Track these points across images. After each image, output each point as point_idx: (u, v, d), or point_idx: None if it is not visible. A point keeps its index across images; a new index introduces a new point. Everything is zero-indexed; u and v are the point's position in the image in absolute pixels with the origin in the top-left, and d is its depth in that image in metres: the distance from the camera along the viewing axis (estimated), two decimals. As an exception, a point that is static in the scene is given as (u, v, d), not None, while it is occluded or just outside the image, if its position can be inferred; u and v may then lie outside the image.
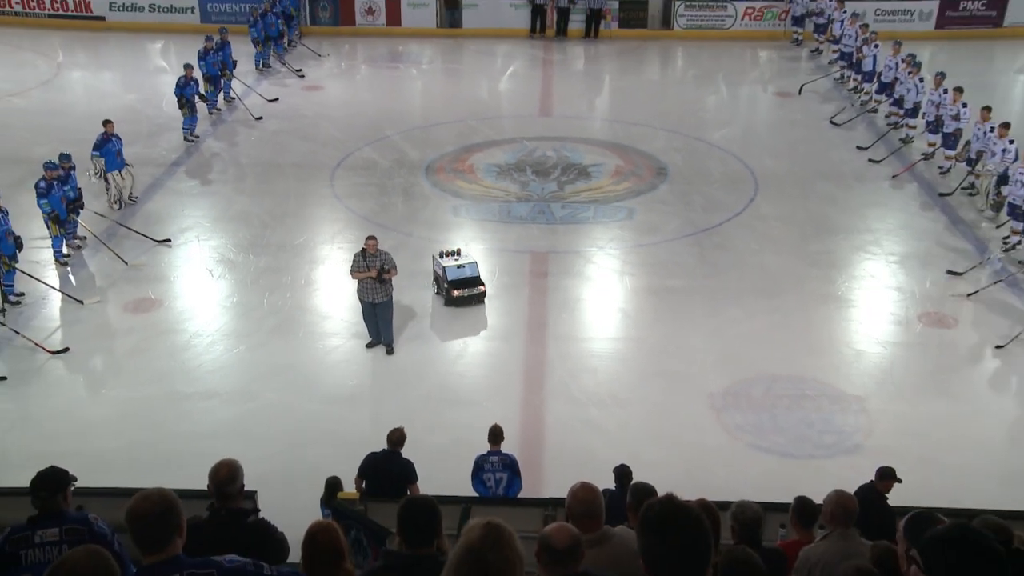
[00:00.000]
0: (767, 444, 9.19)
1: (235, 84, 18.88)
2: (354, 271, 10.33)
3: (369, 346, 10.72)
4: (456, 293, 11.28)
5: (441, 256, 11.54)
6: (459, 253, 11.62)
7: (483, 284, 11.49)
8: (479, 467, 7.74)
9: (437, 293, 11.60)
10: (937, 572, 2.27)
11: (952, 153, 15.15)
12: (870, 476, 8.10)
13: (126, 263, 12.49)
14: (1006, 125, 13.65)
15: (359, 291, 10.47)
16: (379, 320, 10.58)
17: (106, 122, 13.89)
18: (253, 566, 3.39)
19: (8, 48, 22.57)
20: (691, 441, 9.14)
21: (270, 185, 15.35)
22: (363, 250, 10.30)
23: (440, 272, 11.44)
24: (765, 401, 9.80)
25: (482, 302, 11.43)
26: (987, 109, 14.26)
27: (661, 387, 10.05)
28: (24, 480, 4.63)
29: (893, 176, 15.57)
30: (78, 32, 24.07)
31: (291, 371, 10.31)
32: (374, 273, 10.16)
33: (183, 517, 3.31)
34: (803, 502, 5.50)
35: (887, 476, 6.74)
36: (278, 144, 17.17)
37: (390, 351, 10.67)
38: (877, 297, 12.08)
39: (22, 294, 11.55)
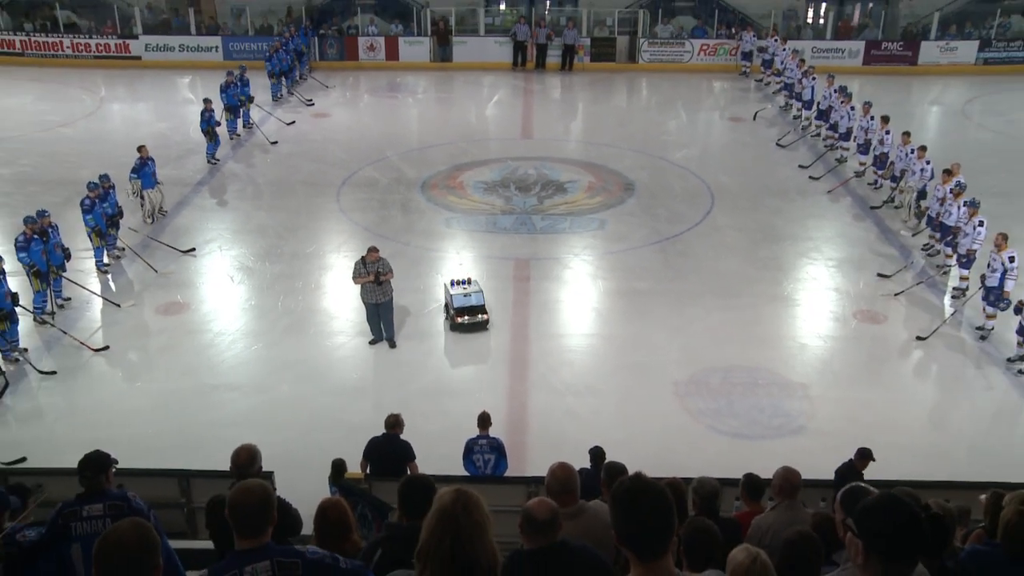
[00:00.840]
0: (724, 427, 9.22)
1: (255, 111, 18.86)
2: (355, 277, 10.34)
3: (372, 343, 10.69)
4: (459, 320, 10.77)
5: (452, 284, 11.05)
6: (469, 282, 11.08)
7: (486, 313, 10.90)
8: (469, 449, 7.74)
9: (446, 318, 11.13)
10: (867, 535, 2.31)
11: (881, 171, 15.32)
12: (813, 455, 8.21)
13: (156, 271, 12.43)
14: (923, 148, 13.89)
15: (362, 294, 10.44)
16: (381, 319, 10.57)
17: (140, 147, 13.91)
18: (331, 559, 3.27)
19: (59, 86, 22.54)
20: (657, 424, 9.15)
21: (283, 201, 15.29)
22: (363, 258, 10.32)
23: (448, 299, 11.02)
24: (722, 389, 9.83)
25: (485, 329, 10.87)
26: (907, 134, 14.48)
27: (630, 377, 10.06)
28: (72, 462, 4.63)
29: (829, 191, 15.70)
30: (118, 70, 24.13)
31: (302, 366, 10.27)
32: (372, 277, 10.18)
33: (275, 508, 3.16)
34: (750, 478, 5.52)
35: (865, 456, 6.78)
36: (290, 165, 17.10)
37: (392, 345, 10.65)
38: (818, 297, 12.15)
39: (68, 299, 11.54)
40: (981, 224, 11.30)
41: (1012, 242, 10.53)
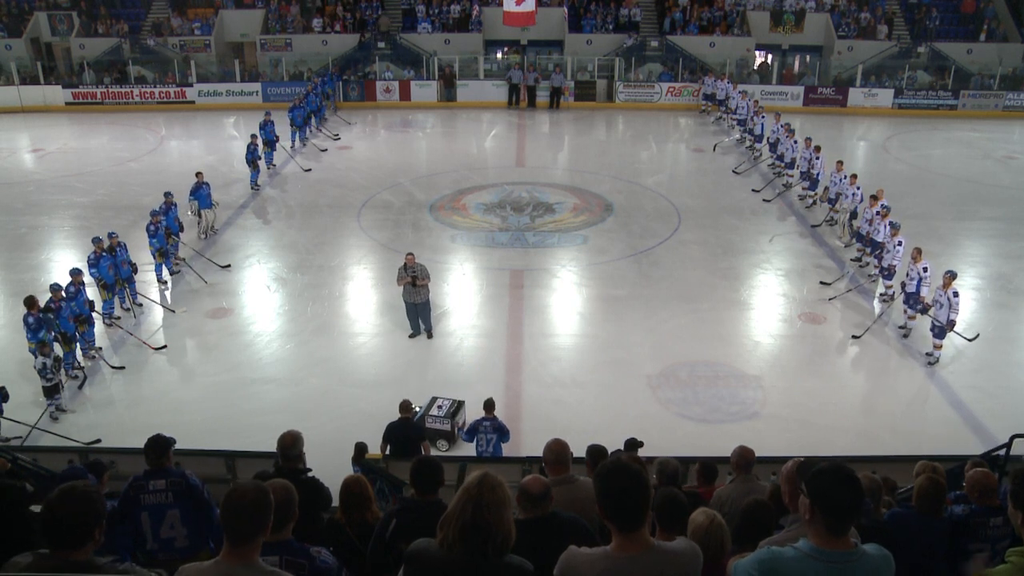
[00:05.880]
0: (690, 413, 9.21)
1: (284, 145, 18.87)
2: (398, 279, 10.42)
3: (411, 336, 10.64)
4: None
5: (436, 399, 8.64)
6: (449, 408, 8.49)
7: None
8: (474, 428, 7.67)
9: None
10: (816, 496, 2.35)
11: (813, 192, 15.52)
12: (767, 437, 8.20)
13: (206, 282, 12.41)
14: (855, 175, 13.99)
15: (403, 295, 10.46)
16: (420, 315, 10.61)
17: (198, 173, 14.06)
18: (336, 571, 3.11)
19: (128, 127, 22.67)
20: (633, 411, 9.13)
21: (312, 221, 15.27)
22: (405, 264, 10.33)
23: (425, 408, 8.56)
24: (688, 381, 9.81)
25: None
26: (840, 162, 14.62)
27: (610, 371, 10.04)
28: (138, 443, 4.65)
29: (766, 201, 15.75)
30: (176, 112, 24.38)
31: (329, 362, 10.26)
32: (410, 279, 10.22)
33: (296, 506, 2.97)
34: (705, 464, 5.35)
35: None
36: (318, 190, 17.09)
37: (430, 336, 10.64)
38: (769, 301, 12.17)
39: (140, 304, 11.53)
40: (900, 243, 11.43)
41: (925, 255, 10.64)
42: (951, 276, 9.88)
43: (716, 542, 3.15)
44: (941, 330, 9.99)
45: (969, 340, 10.30)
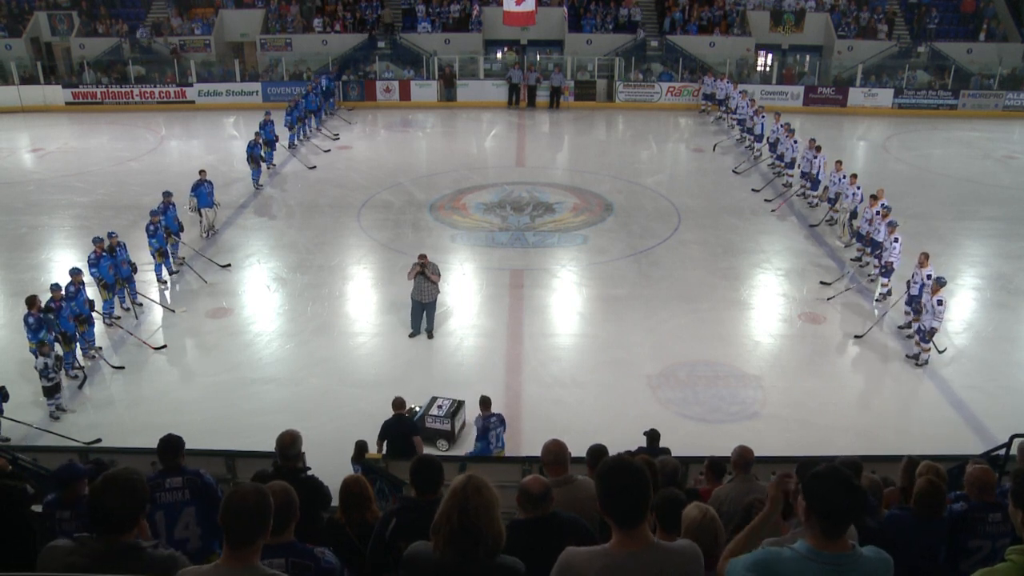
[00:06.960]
0: (690, 413, 9.21)
1: (284, 145, 18.89)
2: (409, 274, 10.50)
3: (411, 336, 10.68)
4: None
5: (436, 399, 8.71)
6: (449, 408, 8.55)
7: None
8: (485, 428, 7.64)
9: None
10: (812, 499, 2.35)
11: (815, 193, 15.52)
12: (767, 437, 8.21)
13: (206, 282, 12.41)
14: (855, 175, 13.99)
15: (413, 293, 10.51)
16: (426, 315, 10.63)
17: (201, 171, 14.14)
18: (339, 571, 3.12)
19: (128, 127, 22.67)
20: (633, 411, 9.10)
21: (312, 220, 15.27)
22: (417, 262, 10.44)
23: (425, 408, 8.62)
24: (688, 380, 9.82)
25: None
26: (839, 162, 14.61)
27: (610, 371, 10.04)
28: (138, 443, 4.65)
29: (767, 200, 15.73)
30: (176, 112, 24.37)
31: (329, 362, 10.26)
32: (419, 269, 10.31)
33: (297, 507, 2.94)
34: (714, 461, 5.42)
35: None
36: (318, 190, 17.09)
37: (431, 336, 10.67)
38: (769, 301, 12.17)
39: (140, 304, 11.51)
40: (897, 240, 11.45)
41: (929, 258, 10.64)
42: (939, 284, 9.83)
43: (709, 536, 3.16)
44: (924, 334, 10.01)
45: (939, 352, 10.28)
